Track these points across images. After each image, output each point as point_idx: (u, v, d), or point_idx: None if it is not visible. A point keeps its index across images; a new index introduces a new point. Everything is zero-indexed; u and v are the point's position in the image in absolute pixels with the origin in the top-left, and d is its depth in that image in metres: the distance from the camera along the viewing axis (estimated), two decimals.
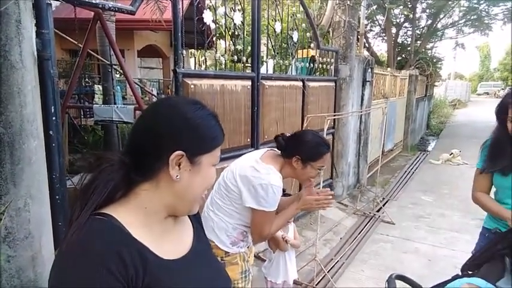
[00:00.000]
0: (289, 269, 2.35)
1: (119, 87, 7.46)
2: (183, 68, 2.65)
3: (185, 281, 0.79)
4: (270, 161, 1.76)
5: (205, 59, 2.98)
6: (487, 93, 39.34)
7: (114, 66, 6.72)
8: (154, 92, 9.60)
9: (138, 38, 10.06)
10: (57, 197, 1.86)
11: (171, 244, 0.82)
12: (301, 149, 1.75)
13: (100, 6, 2.05)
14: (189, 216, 0.95)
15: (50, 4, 1.76)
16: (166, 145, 0.77)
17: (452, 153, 8.26)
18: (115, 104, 6.72)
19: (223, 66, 3.15)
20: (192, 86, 2.70)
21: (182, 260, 0.82)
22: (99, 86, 7.69)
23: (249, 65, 3.30)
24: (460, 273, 1.84)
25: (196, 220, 0.97)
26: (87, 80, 8.15)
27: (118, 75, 8.33)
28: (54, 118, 1.79)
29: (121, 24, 7.09)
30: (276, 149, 1.87)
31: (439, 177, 7.03)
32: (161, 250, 0.77)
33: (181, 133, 0.78)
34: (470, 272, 1.81)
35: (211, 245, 1.75)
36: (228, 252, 1.78)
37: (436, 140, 11.94)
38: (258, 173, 1.67)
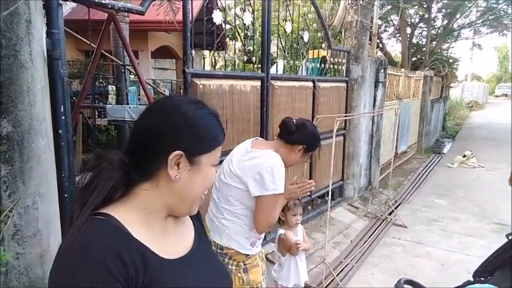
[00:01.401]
0: (300, 272, 2.33)
1: (134, 87, 7.55)
2: (192, 68, 2.66)
3: (186, 280, 0.78)
4: (263, 146, 1.81)
5: (215, 59, 2.99)
6: (506, 95, 38.28)
7: (127, 66, 6.81)
8: (167, 93, 9.68)
9: (151, 39, 10.17)
10: (66, 195, 1.88)
11: (171, 243, 0.81)
12: (308, 139, 1.83)
13: (110, 6, 2.07)
14: (190, 216, 0.94)
15: (61, 4, 1.79)
16: (165, 144, 0.76)
17: (465, 155, 8.08)
18: (128, 104, 6.81)
19: (234, 66, 3.15)
20: (201, 86, 2.71)
21: (183, 259, 0.81)
22: (113, 86, 7.80)
23: (257, 65, 3.30)
24: (471, 279, 1.79)
25: (197, 219, 0.97)
26: (101, 80, 8.28)
27: (132, 76, 8.44)
28: (63, 117, 1.81)
29: (135, 26, 7.18)
30: (260, 138, 1.95)
31: (453, 180, 6.88)
32: (161, 250, 0.76)
33: (181, 132, 0.77)
34: (482, 279, 1.76)
35: (231, 252, 1.75)
36: (249, 255, 1.77)
37: (451, 143, 11.72)
38: (258, 160, 1.68)
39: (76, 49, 8.76)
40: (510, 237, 1.68)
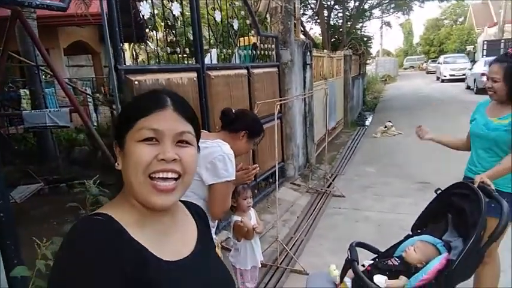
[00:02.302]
0: (256, 254, 2.41)
1: (51, 89, 6.90)
2: (124, 64, 2.54)
3: (184, 283, 0.77)
4: (211, 137, 1.89)
5: (136, 52, 2.86)
6: (412, 67, 42.64)
7: (40, 67, 6.19)
8: (89, 92, 9.02)
9: (63, 34, 9.33)
10: (1, 214, 1.71)
11: (171, 245, 0.80)
12: (249, 125, 1.95)
13: (26, 3, 1.87)
14: (194, 218, 0.93)
15: None
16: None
17: (386, 126, 8.91)
18: (47, 108, 6.23)
19: (161, 59, 3.06)
20: (136, 83, 2.60)
21: (183, 262, 0.80)
22: (25, 90, 7.05)
23: (187, 54, 3.23)
24: (411, 233, 2.04)
25: (202, 222, 0.95)
26: (10, 84, 7.42)
27: (44, 77, 7.68)
28: None
29: (43, 22, 6.53)
30: (205, 130, 2.04)
31: (378, 148, 7.56)
32: (161, 251, 0.76)
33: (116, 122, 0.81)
34: (419, 231, 2.01)
35: None
36: None
37: (372, 115, 12.75)
38: (209, 149, 1.74)
39: None
40: (438, 192, 1.95)
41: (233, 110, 1.99)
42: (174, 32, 3.07)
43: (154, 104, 0.78)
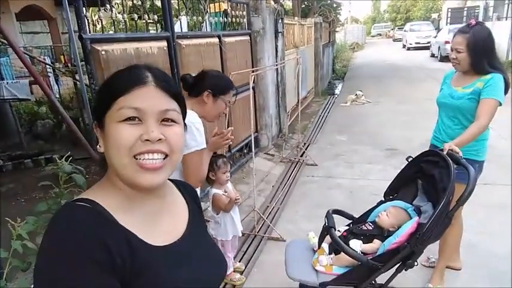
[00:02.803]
0: (236, 224, 2.46)
1: (5, 58, 6.40)
2: (89, 32, 2.38)
3: (175, 268, 0.76)
4: None
5: (96, 19, 2.66)
6: (380, 35, 43.12)
7: None
8: (48, 61, 8.44)
9: None
10: None
11: (161, 229, 0.78)
12: (211, 83, 1.85)
13: None
14: (184, 197, 0.91)
15: None
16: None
17: (356, 94, 9.07)
18: (3, 79, 5.80)
19: (123, 25, 2.87)
20: (103, 53, 2.45)
21: (173, 246, 0.78)
22: None
23: (152, 21, 3.06)
24: (383, 199, 2.14)
25: (193, 200, 0.93)
26: None
27: None
28: None
29: None
30: None
31: (348, 117, 7.73)
32: (150, 236, 0.73)
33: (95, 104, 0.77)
34: (391, 197, 2.11)
35: None
36: None
37: (341, 83, 12.91)
38: None
39: None
40: (409, 160, 2.03)
41: (192, 75, 1.91)
42: None
43: (134, 81, 0.72)
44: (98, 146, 0.75)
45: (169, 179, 0.84)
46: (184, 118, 0.81)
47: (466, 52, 2.13)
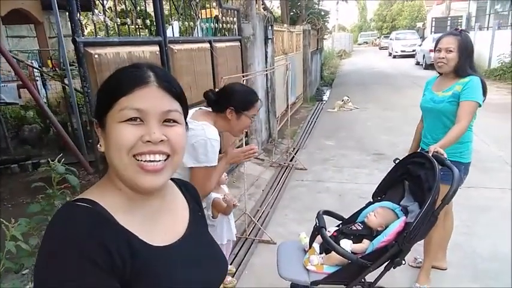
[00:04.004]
0: (232, 228, 2.48)
1: None
2: (83, 36, 2.40)
3: (176, 269, 0.75)
4: (202, 118, 1.80)
5: (83, 24, 2.66)
6: (366, 43, 43.89)
7: None
8: (36, 65, 8.34)
9: None
10: None
11: (161, 229, 0.78)
12: (233, 99, 1.81)
13: None
14: (185, 196, 0.91)
15: None
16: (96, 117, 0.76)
17: (343, 100, 9.23)
18: None
19: (112, 30, 2.89)
20: (96, 56, 2.47)
21: (174, 246, 0.77)
22: None
23: (143, 26, 3.08)
24: (371, 200, 2.20)
25: (193, 200, 0.92)
26: None
27: None
28: None
29: None
30: (204, 108, 1.92)
31: (336, 122, 7.84)
32: (150, 237, 0.73)
33: (96, 103, 0.76)
34: (379, 198, 2.18)
35: None
36: None
37: (329, 90, 13.09)
38: (193, 131, 1.68)
39: None
40: (396, 162, 2.10)
41: (214, 90, 1.88)
42: (131, 1, 2.91)
43: (136, 81, 0.71)
44: (98, 145, 0.75)
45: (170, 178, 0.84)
46: (185, 117, 0.81)
47: (456, 52, 2.21)
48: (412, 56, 20.13)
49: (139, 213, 0.75)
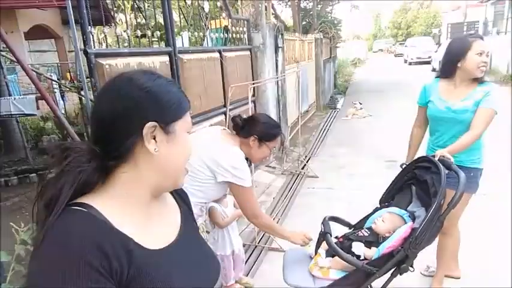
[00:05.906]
0: (233, 239, 2.48)
1: (13, 75, 6.58)
2: (94, 48, 2.48)
3: (172, 271, 0.76)
4: (231, 140, 1.96)
5: (101, 36, 2.79)
6: (381, 50, 43.54)
7: (0, 52, 5.89)
8: (54, 78, 8.65)
9: (22, 18, 8.83)
10: None
11: (156, 232, 0.79)
12: (258, 129, 1.95)
13: None
14: (175, 198, 0.93)
15: None
16: (134, 120, 0.73)
17: (355, 106, 9.17)
18: (10, 95, 5.95)
19: (128, 42, 3.00)
20: (107, 67, 2.56)
21: (168, 249, 0.79)
22: None
23: (156, 39, 3.20)
24: (379, 206, 2.17)
25: (183, 202, 0.95)
26: None
27: (5, 63, 7.30)
28: None
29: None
30: (224, 127, 2.10)
31: (350, 130, 7.78)
32: (146, 240, 0.74)
33: (146, 104, 0.74)
34: (386, 204, 2.15)
35: None
36: None
37: (343, 98, 13.01)
38: (231, 156, 1.87)
39: None
40: (403, 166, 2.07)
41: (242, 116, 2.03)
42: (142, 14, 3.01)
43: (187, 100, 0.83)
44: (154, 148, 0.75)
45: None
46: None
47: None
48: (428, 62, 19.84)
49: (135, 218, 0.76)
